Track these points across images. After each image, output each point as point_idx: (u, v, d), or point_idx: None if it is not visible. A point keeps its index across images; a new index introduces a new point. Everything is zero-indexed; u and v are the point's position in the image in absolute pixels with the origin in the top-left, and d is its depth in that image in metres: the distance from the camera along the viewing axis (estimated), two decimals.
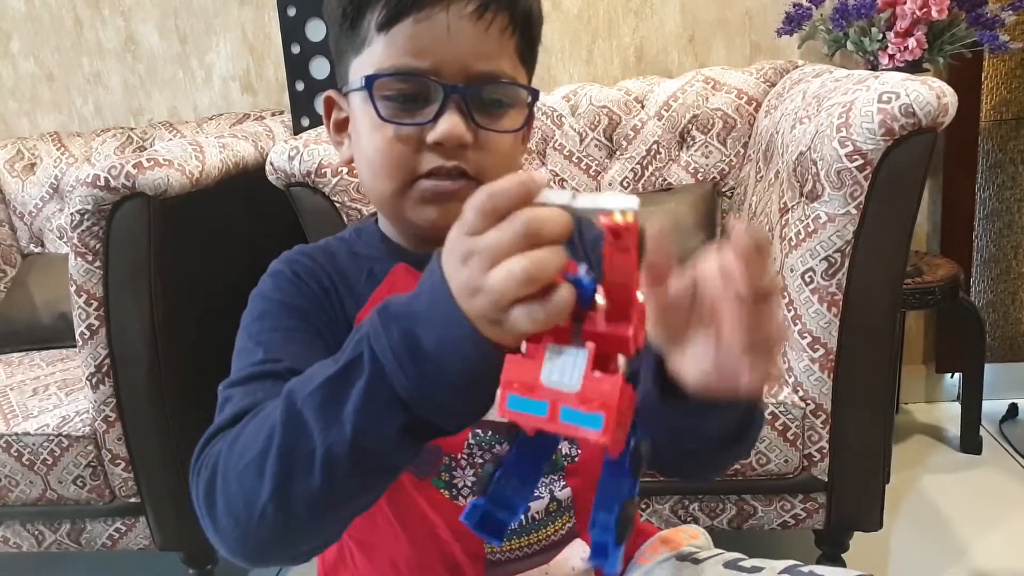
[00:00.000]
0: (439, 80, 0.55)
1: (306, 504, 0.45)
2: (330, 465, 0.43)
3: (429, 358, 0.40)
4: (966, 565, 1.41)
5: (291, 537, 0.47)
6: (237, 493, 0.46)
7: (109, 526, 1.37)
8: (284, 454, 0.44)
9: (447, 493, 0.64)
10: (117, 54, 2.02)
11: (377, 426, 0.42)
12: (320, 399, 0.44)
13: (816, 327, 1.13)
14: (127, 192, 1.19)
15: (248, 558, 0.49)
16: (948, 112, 1.02)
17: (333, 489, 0.44)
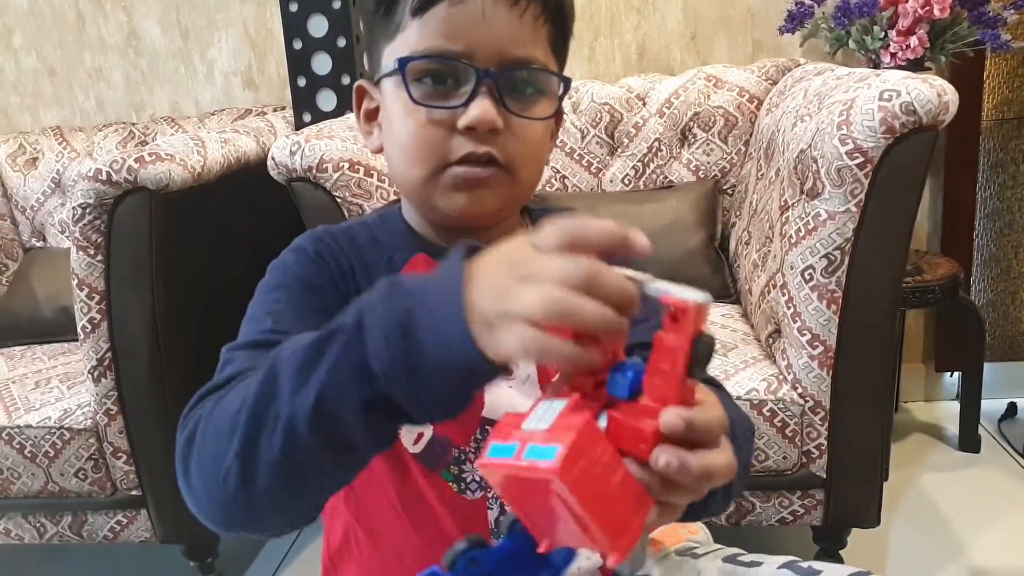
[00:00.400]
0: (472, 63, 0.55)
1: (266, 468, 0.44)
2: (291, 430, 0.43)
3: (416, 341, 0.40)
4: (964, 563, 1.41)
5: (252, 502, 0.46)
6: (210, 450, 0.46)
7: (111, 519, 1.38)
8: (254, 414, 0.44)
9: (455, 487, 0.64)
10: (119, 49, 2.02)
11: (342, 391, 0.42)
12: (298, 361, 0.43)
13: (815, 324, 1.13)
14: (129, 186, 1.20)
15: (215, 521, 0.49)
16: (949, 110, 1.02)
17: (292, 456, 0.43)
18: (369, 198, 1.27)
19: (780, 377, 1.19)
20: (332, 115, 1.73)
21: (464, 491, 0.64)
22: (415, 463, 0.64)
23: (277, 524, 0.50)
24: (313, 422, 0.42)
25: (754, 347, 1.29)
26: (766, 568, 0.65)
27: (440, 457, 0.64)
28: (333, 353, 0.42)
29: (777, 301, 1.20)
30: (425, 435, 0.63)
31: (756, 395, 1.17)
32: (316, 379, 0.42)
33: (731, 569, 0.67)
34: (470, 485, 0.64)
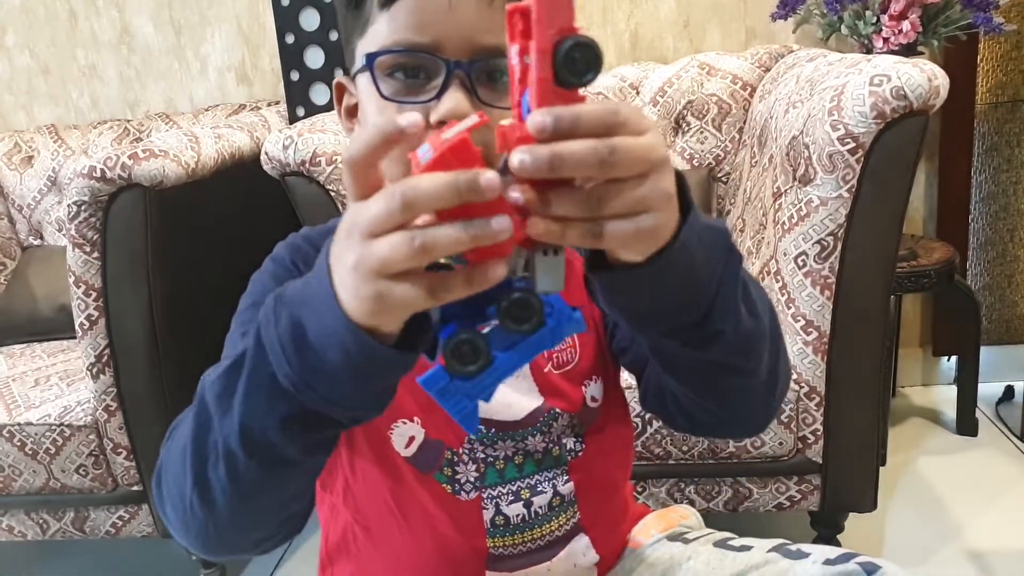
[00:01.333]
0: (441, 56, 0.53)
1: (221, 495, 0.45)
2: (230, 457, 0.44)
3: (311, 346, 0.39)
4: (961, 545, 1.42)
5: (221, 527, 0.47)
6: (173, 484, 0.48)
7: (112, 514, 1.39)
8: (196, 446, 0.45)
9: (449, 488, 0.64)
10: (112, 46, 2.02)
11: (261, 416, 0.42)
12: (218, 389, 0.44)
13: (809, 310, 1.14)
14: (123, 183, 1.20)
15: (198, 547, 0.50)
16: (940, 94, 1.02)
17: (238, 481, 0.44)
18: None
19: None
20: (325, 109, 1.73)
21: (458, 492, 0.64)
22: (407, 467, 0.63)
23: (258, 541, 0.51)
24: (245, 447, 0.43)
25: None
26: (756, 551, 0.66)
27: (433, 460, 0.64)
28: (243, 377, 0.42)
29: (771, 288, 1.20)
30: (416, 439, 0.63)
31: None
32: (236, 406, 0.42)
33: (722, 553, 0.67)
34: (464, 486, 0.64)
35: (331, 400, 0.41)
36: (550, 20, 0.34)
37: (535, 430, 0.65)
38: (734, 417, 0.58)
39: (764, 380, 0.53)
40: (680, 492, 1.26)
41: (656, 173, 0.37)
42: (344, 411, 0.42)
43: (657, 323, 0.46)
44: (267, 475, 0.44)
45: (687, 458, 1.23)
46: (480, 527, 0.65)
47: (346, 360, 0.39)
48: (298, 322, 0.40)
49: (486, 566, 0.66)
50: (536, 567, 0.67)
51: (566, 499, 0.67)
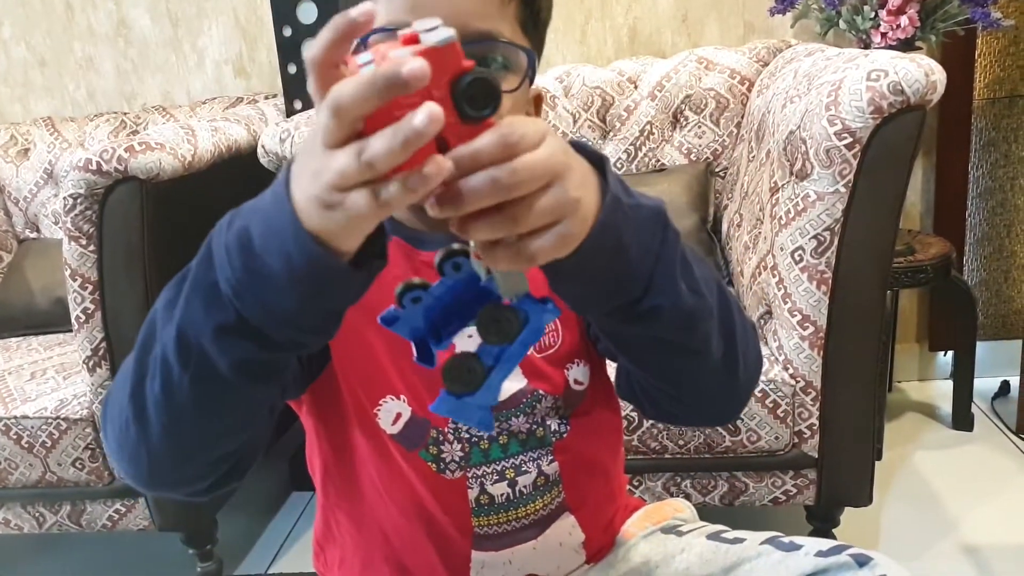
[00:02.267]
0: None
1: (154, 410, 0.45)
2: (165, 368, 0.43)
3: (256, 253, 0.39)
4: (956, 540, 1.43)
5: (155, 453, 0.47)
6: (115, 403, 0.48)
7: (109, 507, 1.39)
8: (139, 360, 0.46)
9: (434, 466, 0.65)
10: (109, 38, 2.01)
11: (198, 321, 0.41)
12: (166, 299, 0.44)
13: (806, 305, 1.14)
14: (119, 176, 1.20)
15: (132, 475, 0.50)
16: (937, 90, 1.02)
17: (170, 394, 0.44)
18: None
19: (771, 358, 1.20)
20: None
21: (443, 471, 0.65)
22: (393, 444, 0.64)
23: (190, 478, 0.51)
24: (180, 356, 0.43)
25: None
26: (749, 544, 0.66)
27: (418, 438, 0.64)
28: (188, 283, 0.42)
29: (768, 283, 1.20)
30: (403, 416, 0.64)
31: None
32: (176, 312, 0.43)
33: (715, 546, 0.68)
34: (449, 465, 0.65)
35: (268, 310, 0.40)
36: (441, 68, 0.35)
37: (519, 411, 0.65)
38: (695, 402, 0.58)
39: (718, 361, 0.53)
40: (676, 486, 1.27)
41: (558, 181, 0.39)
42: (282, 328, 0.41)
43: (596, 304, 0.47)
44: (199, 392, 0.44)
45: (683, 452, 1.23)
46: (465, 506, 0.65)
47: (288, 268, 0.38)
48: (246, 228, 0.39)
49: (472, 545, 0.67)
50: (521, 546, 0.67)
51: (550, 479, 0.67)
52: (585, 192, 0.41)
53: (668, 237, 0.46)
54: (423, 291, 0.43)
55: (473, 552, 0.67)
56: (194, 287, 0.42)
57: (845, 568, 0.60)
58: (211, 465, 0.51)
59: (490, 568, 0.67)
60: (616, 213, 0.43)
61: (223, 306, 0.40)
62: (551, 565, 0.69)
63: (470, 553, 0.67)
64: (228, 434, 0.49)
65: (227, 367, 0.42)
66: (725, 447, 1.21)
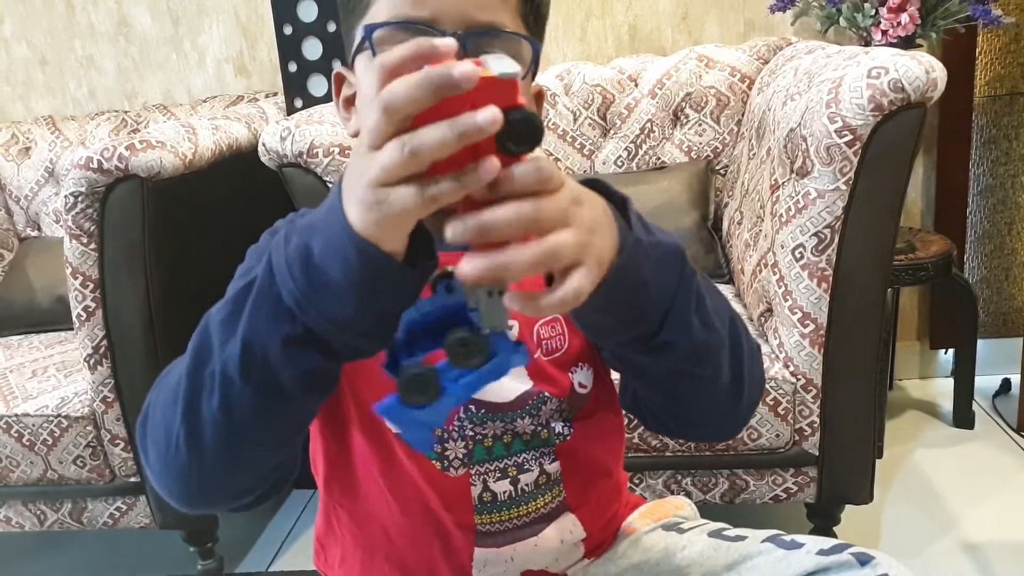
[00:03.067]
0: (438, 29, 0.54)
1: (211, 427, 0.45)
2: (226, 384, 0.44)
3: (316, 264, 0.41)
4: (957, 537, 1.43)
5: (204, 466, 0.48)
6: (160, 423, 0.48)
7: (110, 505, 1.39)
8: (192, 376, 0.46)
9: (438, 464, 0.65)
10: (110, 37, 2.01)
11: (264, 335, 0.43)
12: (224, 314, 0.45)
13: (806, 303, 1.14)
14: (120, 174, 1.20)
15: (176, 495, 0.50)
16: (937, 87, 1.02)
17: (230, 410, 0.45)
18: None
19: (772, 356, 1.20)
20: (323, 100, 1.73)
21: (447, 468, 0.65)
22: (399, 443, 0.64)
23: (238, 493, 0.51)
24: (243, 370, 0.43)
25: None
26: (751, 542, 0.66)
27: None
28: (251, 299, 0.43)
29: (768, 280, 1.20)
30: None
31: None
32: (240, 327, 0.43)
33: (716, 543, 0.68)
34: (453, 463, 0.65)
35: (332, 320, 0.42)
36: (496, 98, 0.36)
37: (524, 412, 0.65)
38: (700, 421, 0.59)
39: (727, 387, 0.55)
40: (677, 484, 1.27)
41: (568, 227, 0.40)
42: (343, 335, 0.42)
43: (612, 335, 0.50)
44: (260, 405, 0.45)
45: (683, 450, 1.23)
46: (468, 503, 0.66)
47: (348, 274, 0.40)
48: (306, 243, 0.41)
49: (475, 542, 0.67)
50: (523, 543, 0.67)
51: (552, 478, 0.67)
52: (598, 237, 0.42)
53: (685, 275, 0.48)
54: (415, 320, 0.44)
55: (476, 549, 0.67)
56: (259, 302, 0.43)
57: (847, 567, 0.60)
58: (262, 478, 0.51)
59: (492, 565, 0.67)
60: (636, 254, 0.45)
61: (289, 318, 0.42)
62: (550, 560, 0.69)
63: (472, 550, 0.67)
64: (281, 445, 0.50)
65: (290, 378, 0.44)
66: (726, 445, 1.21)
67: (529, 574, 0.69)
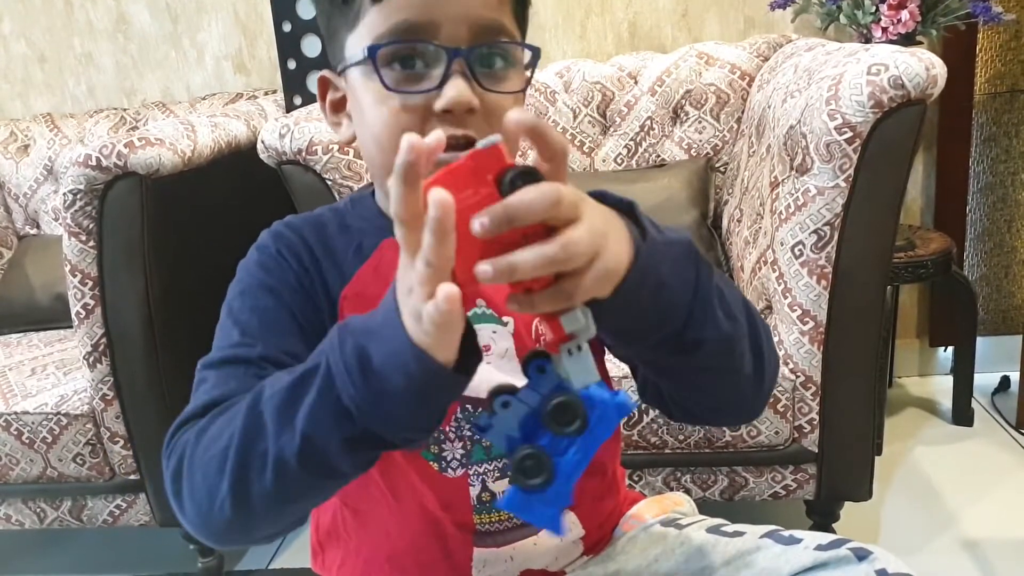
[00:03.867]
0: (441, 44, 0.54)
1: (261, 500, 0.48)
2: (281, 466, 0.46)
3: (376, 372, 0.43)
4: (956, 534, 1.43)
5: (249, 527, 0.51)
6: (201, 484, 0.50)
7: (110, 503, 1.39)
8: (242, 452, 0.48)
9: (436, 465, 0.64)
10: (108, 34, 2.01)
11: (324, 433, 0.45)
12: (278, 403, 0.47)
13: (806, 300, 1.14)
14: (119, 172, 1.20)
15: (210, 539, 0.53)
16: (937, 84, 1.02)
17: (284, 489, 0.47)
18: (359, 180, 1.27)
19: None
20: None
21: (445, 469, 0.65)
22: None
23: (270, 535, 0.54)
24: (301, 460, 0.46)
25: None
26: (749, 537, 0.66)
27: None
28: (311, 396, 0.45)
29: (768, 278, 1.20)
30: None
31: None
32: (299, 421, 0.46)
33: (714, 539, 0.68)
34: (451, 464, 0.65)
35: (390, 422, 0.44)
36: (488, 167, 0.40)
37: None
38: (728, 408, 0.60)
39: (751, 374, 0.55)
40: (676, 481, 1.27)
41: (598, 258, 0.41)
42: (399, 432, 0.45)
43: (640, 339, 0.50)
44: (314, 483, 0.48)
45: (683, 447, 1.23)
46: (467, 504, 0.65)
47: (408, 383, 0.42)
48: (364, 349, 0.43)
49: (473, 542, 0.67)
50: (522, 542, 0.67)
51: None
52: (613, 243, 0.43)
53: (702, 269, 0.49)
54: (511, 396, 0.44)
55: (475, 549, 0.67)
56: (319, 402, 0.45)
57: (844, 562, 0.60)
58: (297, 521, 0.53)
59: (491, 565, 0.67)
60: (653, 255, 0.46)
61: (348, 419, 0.44)
62: (549, 558, 0.69)
63: (472, 551, 0.67)
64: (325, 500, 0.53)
65: (349, 467, 0.47)
66: (725, 442, 1.21)
67: (529, 573, 0.69)
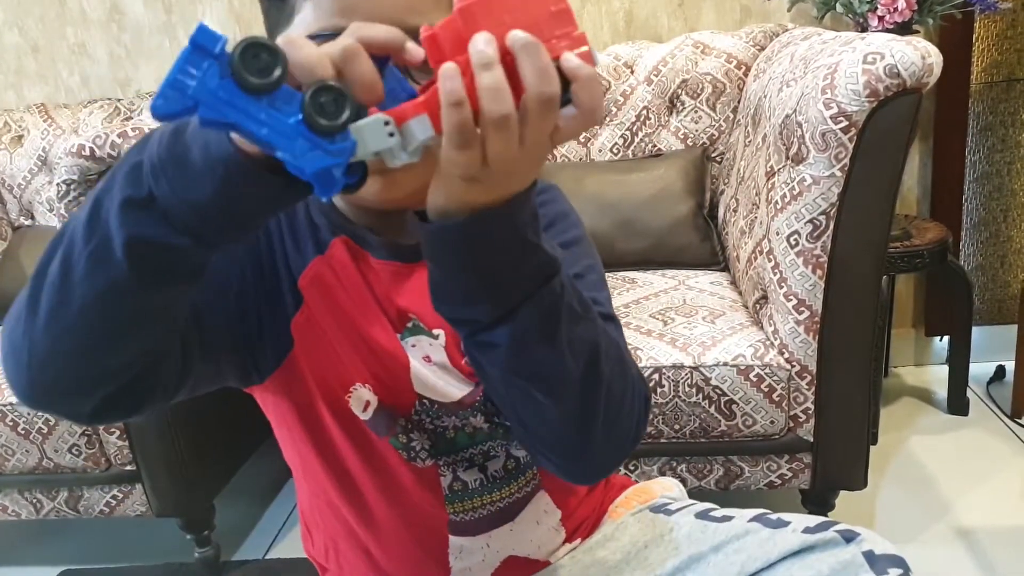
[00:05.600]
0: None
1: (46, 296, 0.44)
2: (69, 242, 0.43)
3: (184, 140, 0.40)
4: (951, 523, 1.44)
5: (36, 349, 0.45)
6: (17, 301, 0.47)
7: (106, 493, 1.39)
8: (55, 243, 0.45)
9: (404, 455, 0.65)
10: (102, 24, 2.00)
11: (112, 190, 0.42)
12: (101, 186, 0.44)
13: (801, 289, 1.14)
14: (113, 162, 1.19)
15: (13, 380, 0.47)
16: (933, 72, 1.01)
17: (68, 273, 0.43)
18: None
19: (767, 343, 1.20)
20: None
21: (414, 459, 0.65)
22: (368, 430, 0.64)
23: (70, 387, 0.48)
24: (87, 229, 0.42)
25: (741, 314, 1.30)
26: (737, 521, 0.67)
27: (388, 425, 0.64)
28: (120, 163, 0.43)
29: (763, 267, 1.20)
30: (371, 404, 0.63)
31: (743, 361, 1.17)
32: (97, 188, 0.43)
33: (703, 524, 0.68)
34: (419, 454, 0.65)
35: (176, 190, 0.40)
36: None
37: (474, 410, 0.65)
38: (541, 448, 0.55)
39: (571, 421, 0.51)
40: (672, 470, 1.27)
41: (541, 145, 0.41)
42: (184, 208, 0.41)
43: (445, 299, 0.48)
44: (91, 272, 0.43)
45: (678, 436, 1.23)
46: (439, 494, 0.66)
47: (205, 158, 0.39)
48: (186, 123, 0.41)
49: (449, 531, 0.67)
50: (498, 530, 0.68)
51: (522, 462, 0.67)
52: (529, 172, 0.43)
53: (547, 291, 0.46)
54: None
55: (451, 537, 0.67)
56: (122, 163, 0.43)
57: (832, 544, 0.60)
58: (93, 380, 0.47)
59: (468, 553, 0.68)
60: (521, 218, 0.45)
61: (139, 182, 0.41)
62: (531, 546, 0.69)
63: (447, 538, 0.67)
64: (113, 340, 0.45)
65: (122, 244, 0.41)
66: (720, 431, 1.21)
67: (514, 561, 0.69)
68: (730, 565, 0.64)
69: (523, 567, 0.69)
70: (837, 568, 0.59)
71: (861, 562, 0.59)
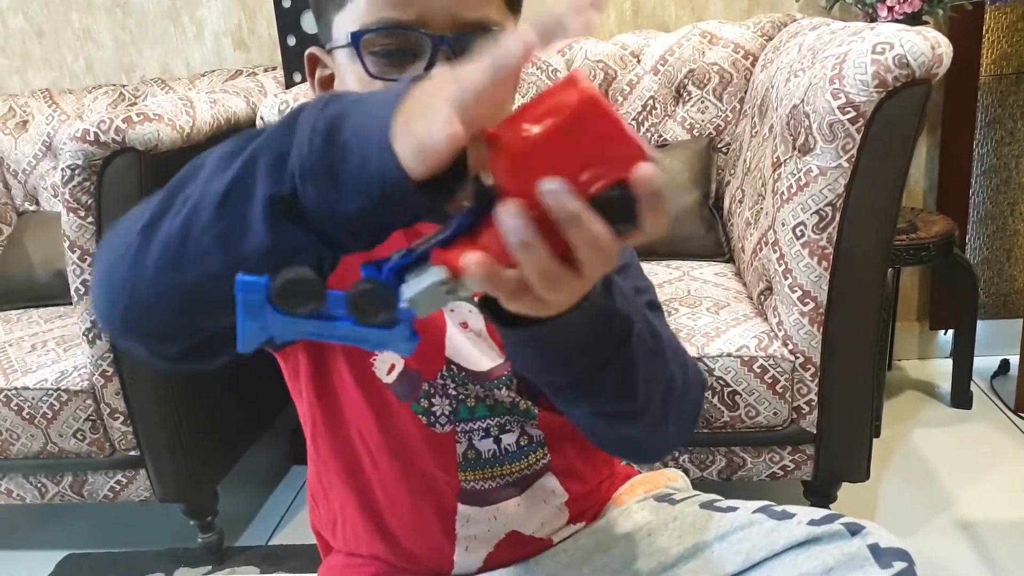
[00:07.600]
0: (426, 32, 0.53)
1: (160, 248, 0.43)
2: (196, 210, 0.42)
3: (338, 144, 0.38)
4: (953, 516, 1.44)
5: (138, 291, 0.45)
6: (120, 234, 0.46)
7: (110, 478, 1.39)
8: (168, 196, 0.44)
9: (425, 419, 0.66)
10: (107, 9, 1.99)
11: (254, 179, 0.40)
12: (230, 148, 0.42)
13: (806, 281, 1.13)
14: (117, 147, 1.19)
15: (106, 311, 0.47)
16: (943, 63, 1.01)
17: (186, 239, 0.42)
18: None
19: (771, 334, 1.20)
20: None
21: (433, 424, 0.66)
22: (391, 394, 0.65)
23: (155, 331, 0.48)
24: (219, 207, 0.41)
25: (746, 305, 1.30)
26: (742, 512, 0.67)
27: (411, 390, 0.65)
28: (258, 143, 0.41)
29: (769, 258, 1.20)
30: (397, 367, 0.64)
31: (747, 352, 1.17)
32: (236, 165, 0.41)
33: (708, 514, 0.68)
34: (439, 419, 0.66)
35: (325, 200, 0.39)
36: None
37: (500, 383, 0.66)
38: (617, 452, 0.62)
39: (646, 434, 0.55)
40: (674, 461, 1.27)
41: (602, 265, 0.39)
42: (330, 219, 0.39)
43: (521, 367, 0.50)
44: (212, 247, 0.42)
45: None
46: (453, 460, 0.66)
47: (361, 171, 0.37)
48: (341, 119, 0.38)
49: (458, 499, 0.68)
50: (505, 503, 0.68)
51: (535, 440, 0.68)
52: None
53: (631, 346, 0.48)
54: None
55: (459, 505, 0.68)
56: (264, 149, 0.40)
57: (837, 537, 0.60)
58: (185, 330, 0.47)
59: (474, 523, 0.68)
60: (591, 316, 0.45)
61: (284, 179, 0.39)
62: (535, 523, 0.70)
63: (456, 506, 0.68)
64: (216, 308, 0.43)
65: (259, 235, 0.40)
66: (724, 422, 1.21)
67: (516, 537, 0.69)
68: (735, 554, 0.64)
69: (525, 544, 0.70)
70: (842, 560, 0.59)
71: (866, 555, 0.59)
